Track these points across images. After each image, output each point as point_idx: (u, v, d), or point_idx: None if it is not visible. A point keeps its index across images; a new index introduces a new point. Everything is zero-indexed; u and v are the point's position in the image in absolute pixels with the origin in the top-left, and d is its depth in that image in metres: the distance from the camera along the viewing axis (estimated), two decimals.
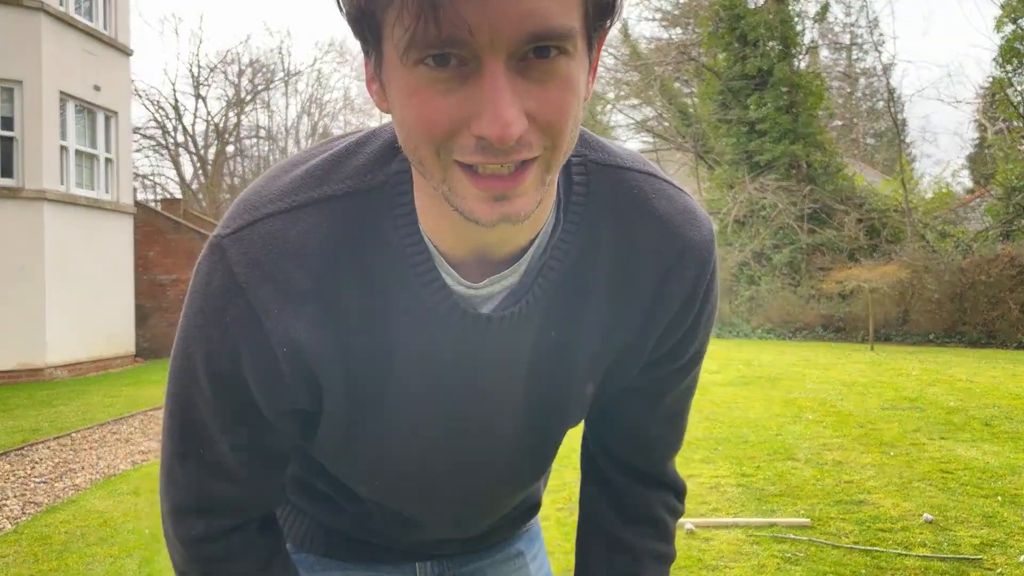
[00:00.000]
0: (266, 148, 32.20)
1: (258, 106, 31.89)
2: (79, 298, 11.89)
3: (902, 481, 4.64)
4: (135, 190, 16.73)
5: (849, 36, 24.60)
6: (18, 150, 11.21)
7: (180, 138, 30.09)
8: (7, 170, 11.20)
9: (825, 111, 19.06)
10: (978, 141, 25.91)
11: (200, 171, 30.15)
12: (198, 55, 45.14)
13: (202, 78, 33.52)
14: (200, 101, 37.32)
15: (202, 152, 29.92)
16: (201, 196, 29.48)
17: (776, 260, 16.67)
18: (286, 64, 43.80)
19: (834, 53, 25.03)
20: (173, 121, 29.89)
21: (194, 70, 37.60)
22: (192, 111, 42.58)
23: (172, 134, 29.92)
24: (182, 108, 34.45)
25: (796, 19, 18.39)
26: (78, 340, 11.91)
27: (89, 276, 12.19)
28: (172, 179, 30.89)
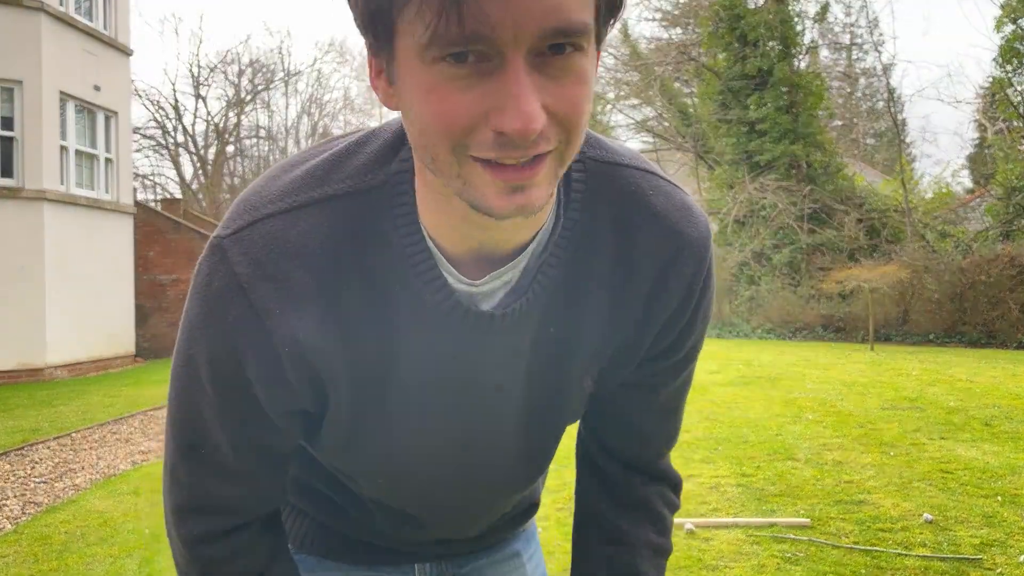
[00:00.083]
0: (266, 148, 32.24)
1: (258, 106, 31.95)
2: (79, 298, 11.89)
3: (902, 481, 4.64)
4: (135, 190, 16.73)
5: (849, 36, 24.62)
6: (18, 150, 11.21)
7: (180, 138, 30.15)
8: (7, 170, 11.20)
9: (825, 111, 19.05)
10: (978, 141, 25.92)
11: (200, 171, 30.18)
12: (198, 55, 45.21)
13: (202, 78, 33.57)
14: (200, 101, 37.37)
15: (202, 152, 29.95)
16: (201, 196, 29.48)
17: (776, 260, 16.66)
18: (286, 64, 43.86)
19: (834, 53, 25.05)
20: (173, 121, 29.95)
21: (194, 70, 37.67)
22: (192, 111, 42.67)
23: (172, 134, 29.98)
24: (182, 108, 34.51)
25: (796, 19, 18.38)
26: (78, 340, 11.91)
27: (89, 276, 12.19)
28: (172, 179, 30.95)
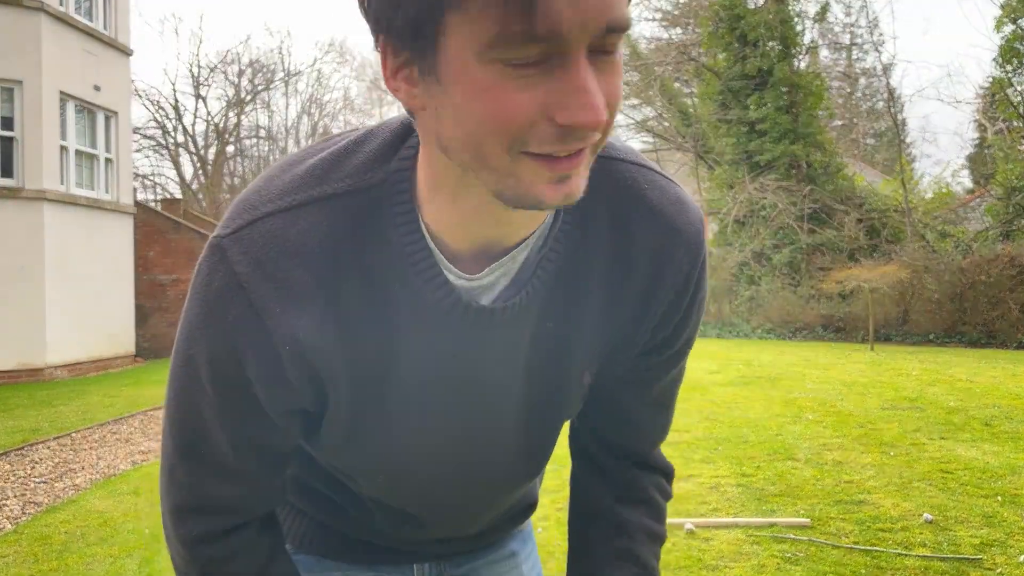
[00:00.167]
0: (266, 148, 32.23)
1: (258, 106, 31.95)
2: (79, 298, 11.89)
3: (902, 481, 4.64)
4: (135, 190, 16.73)
5: (849, 36, 24.64)
6: (18, 150, 11.22)
7: (180, 138, 30.14)
8: (7, 170, 11.20)
9: (825, 111, 19.06)
10: (978, 141, 25.93)
11: (200, 171, 30.17)
12: (198, 55, 45.12)
13: (202, 78, 33.54)
14: (200, 101, 37.32)
15: (202, 152, 29.95)
16: (201, 196, 29.48)
17: (776, 260, 16.67)
18: (286, 64, 43.82)
19: (834, 53, 25.06)
20: (173, 121, 29.94)
21: (194, 70, 37.63)
22: (192, 111, 42.61)
23: (172, 134, 29.97)
24: (182, 108, 34.50)
25: (796, 19, 18.38)
26: (78, 340, 11.91)
27: (89, 276, 12.19)
28: (172, 179, 30.95)
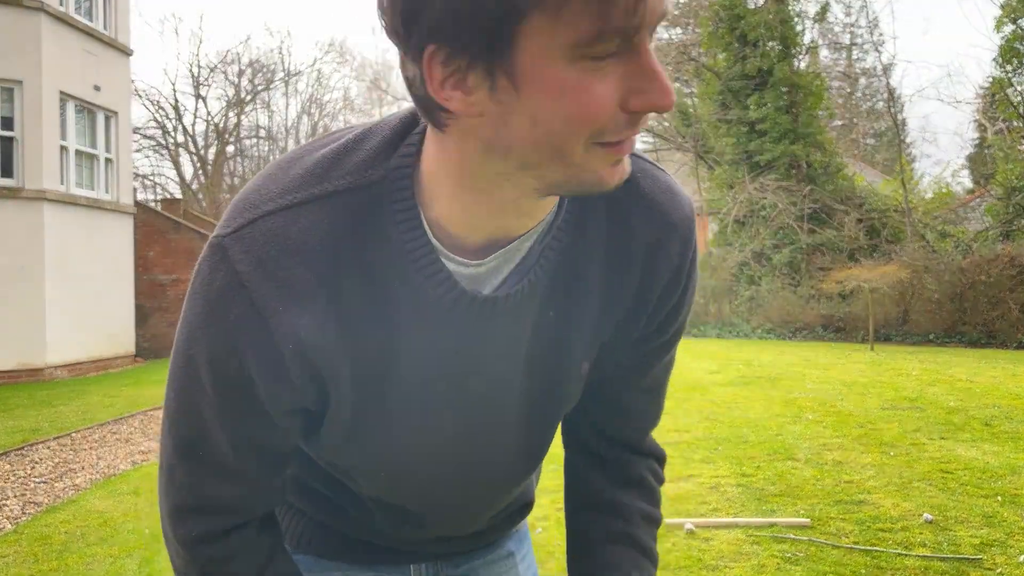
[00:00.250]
0: (266, 148, 32.21)
1: (258, 106, 31.93)
2: (79, 298, 11.89)
3: (902, 481, 4.64)
4: (135, 190, 16.73)
5: (849, 36, 24.68)
6: (18, 150, 11.22)
7: (180, 138, 30.13)
8: (7, 170, 11.20)
9: (825, 111, 19.06)
10: (978, 141, 25.95)
11: (200, 171, 30.17)
12: (198, 55, 45.06)
13: (202, 78, 33.52)
14: (200, 101, 37.31)
15: (202, 152, 29.94)
16: (201, 196, 29.48)
17: (776, 260, 16.67)
18: (286, 64, 43.78)
19: (834, 53, 25.10)
20: (173, 121, 29.94)
21: (194, 70, 37.60)
22: (192, 111, 42.60)
23: (172, 134, 29.96)
24: (182, 108, 34.49)
25: (796, 19, 18.40)
26: (78, 340, 11.91)
27: (89, 276, 12.19)
28: (172, 179, 30.94)
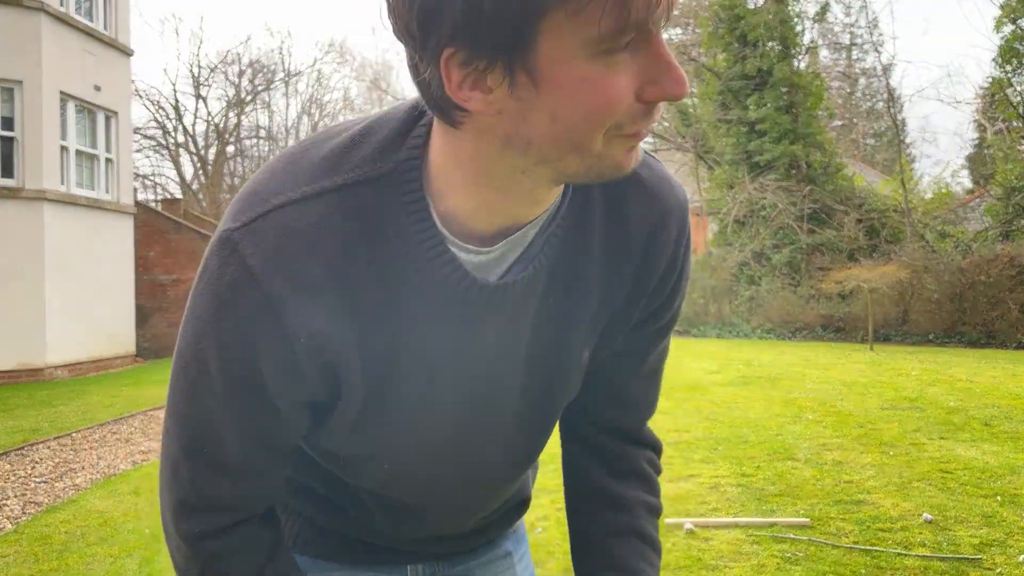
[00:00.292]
0: (266, 148, 32.18)
1: (258, 106, 31.92)
2: (79, 298, 11.89)
3: (902, 481, 4.64)
4: (135, 190, 16.74)
5: (849, 36, 24.67)
6: (18, 150, 11.22)
7: (180, 138, 30.11)
8: (7, 170, 11.21)
9: (825, 111, 19.06)
10: (977, 141, 25.96)
11: (200, 171, 30.15)
12: (198, 55, 45.01)
13: (202, 78, 33.49)
14: (200, 101, 37.23)
15: (202, 152, 29.93)
16: (201, 196, 29.47)
17: (776, 260, 16.66)
18: (286, 64, 43.69)
19: (834, 53, 25.09)
20: (173, 121, 29.91)
21: (194, 70, 37.59)
22: (192, 111, 42.63)
23: (172, 134, 29.93)
24: (182, 108, 34.50)
25: (796, 19, 18.38)
26: (78, 340, 11.91)
27: (89, 276, 12.19)
28: (172, 179, 30.93)
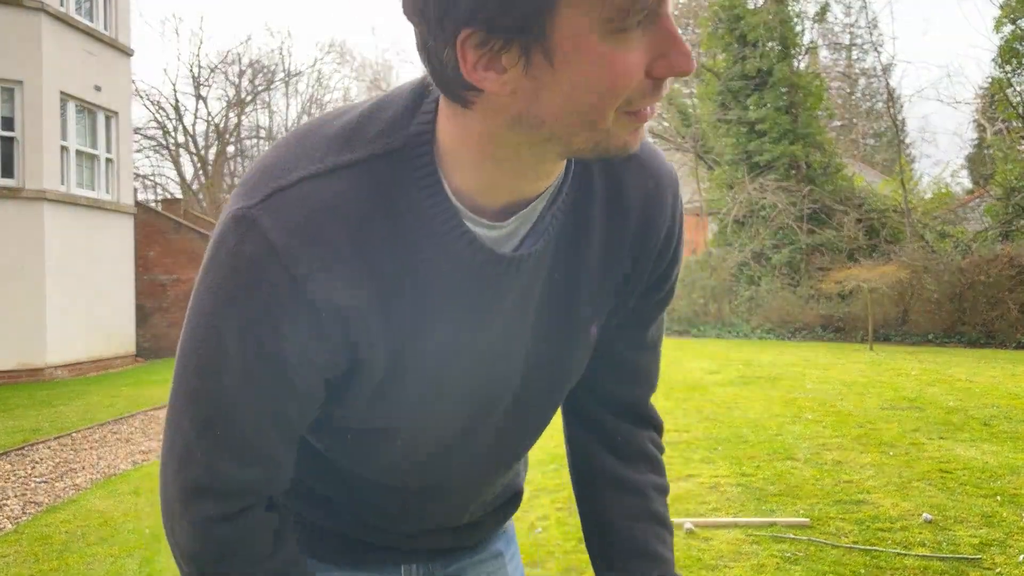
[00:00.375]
0: (266, 148, 32.19)
1: (259, 106, 31.94)
2: (79, 298, 11.90)
3: (901, 481, 4.65)
4: (135, 190, 16.74)
5: (849, 36, 24.67)
6: (18, 150, 11.23)
7: (180, 138, 30.11)
8: (7, 170, 11.21)
9: (825, 111, 19.07)
10: (977, 141, 25.96)
11: (200, 171, 30.15)
12: (198, 55, 45.01)
13: (202, 78, 33.48)
14: (200, 101, 37.18)
15: (202, 152, 29.93)
16: (201, 196, 29.48)
17: (776, 260, 16.67)
18: (287, 64, 43.68)
19: (834, 53, 25.10)
20: (173, 121, 29.92)
21: (194, 70, 37.61)
22: (192, 111, 42.63)
23: (172, 134, 29.94)
24: (182, 108, 34.51)
25: (796, 19, 18.38)
26: (78, 340, 11.91)
27: (89, 276, 12.19)
28: (172, 179, 30.93)
